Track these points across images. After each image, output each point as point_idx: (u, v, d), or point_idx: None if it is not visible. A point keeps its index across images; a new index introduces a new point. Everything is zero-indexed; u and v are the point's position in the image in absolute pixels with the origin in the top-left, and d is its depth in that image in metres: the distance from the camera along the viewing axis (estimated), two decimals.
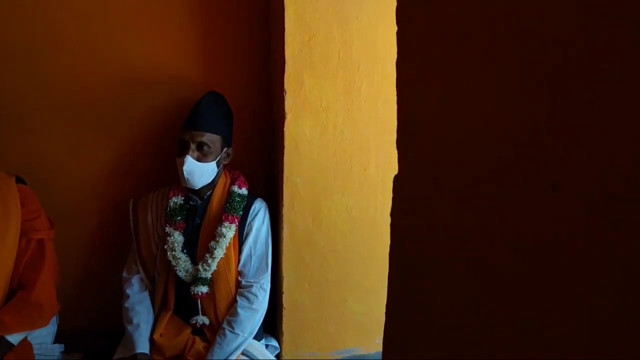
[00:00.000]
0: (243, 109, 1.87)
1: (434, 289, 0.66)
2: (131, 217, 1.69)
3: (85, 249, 1.88)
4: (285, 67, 1.60)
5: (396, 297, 0.77)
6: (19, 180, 1.56)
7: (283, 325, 1.77)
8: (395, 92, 1.73)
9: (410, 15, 0.68)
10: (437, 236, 0.65)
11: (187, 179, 1.55)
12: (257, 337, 1.69)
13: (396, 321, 0.78)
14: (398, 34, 0.71)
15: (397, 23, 0.71)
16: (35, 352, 1.53)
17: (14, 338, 1.44)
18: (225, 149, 1.65)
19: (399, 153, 0.73)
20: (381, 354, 1.93)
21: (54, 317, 1.61)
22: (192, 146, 1.55)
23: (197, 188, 1.61)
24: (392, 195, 0.75)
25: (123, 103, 1.81)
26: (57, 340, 1.67)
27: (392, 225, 0.76)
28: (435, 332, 0.65)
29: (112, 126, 1.83)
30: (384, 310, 1.95)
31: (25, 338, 1.50)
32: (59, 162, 1.80)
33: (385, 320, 0.80)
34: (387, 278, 1.87)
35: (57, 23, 1.73)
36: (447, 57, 0.59)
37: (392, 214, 0.75)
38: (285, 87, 1.62)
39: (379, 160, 1.75)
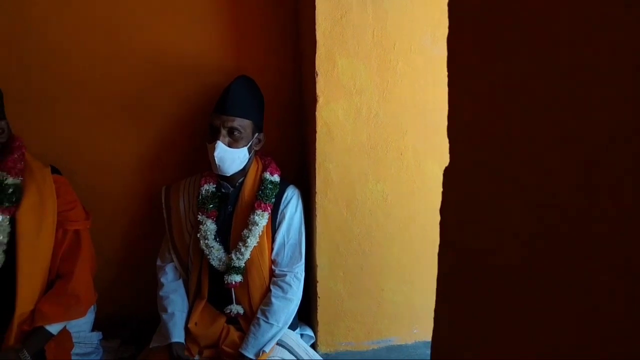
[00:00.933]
0: (274, 93, 1.82)
1: (489, 294, 0.60)
2: (163, 205, 1.67)
3: (120, 237, 1.88)
4: (317, 47, 1.53)
5: (448, 298, 0.70)
6: (54, 170, 1.56)
7: (318, 314, 1.74)
8: (434, 71, 1.63)
9: None
10: (497, 235, 0.58)
11: (219, 165, 1.51)
12: (292, 327, 1.66)
13: (445, 326, 0.71)
14: (449, 4, 0.63)
15: (449, 16, 0.63)
16: (74, 340, 1.55)
17: (54, 328, 1.46)
18: (257, 134, 1.60)
19: (450, 142, 0.65)
20: (418, 343, 1.88)
21: (92, 306, 1.62)
22: (223, 131, 1.51)
23: (228, 174, 1.57)
24: (441, 190, 0.68)
25: (152, 90, 1.78)
26: (95, 328, 1.69)
27: (441, 223, 0.68)
28: (493, 336, 0.59)
29: (143, 113, 1.80)
30: (421, 299, 1.90)
31: (65, 327, 1.51)
32: (91, 150, 1.79)
33: (434, 325, 0.73)
34: (424, 267, 1.81)
35: (85, 10, 1.70)
36: (513, 31, 0.51)
37: (442, 211, 0.68)
38: (317, 68, 1.54)
39: (416, 144, 1.66)
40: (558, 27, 0.45)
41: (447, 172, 0.66)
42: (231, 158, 1.52)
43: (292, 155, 1.88)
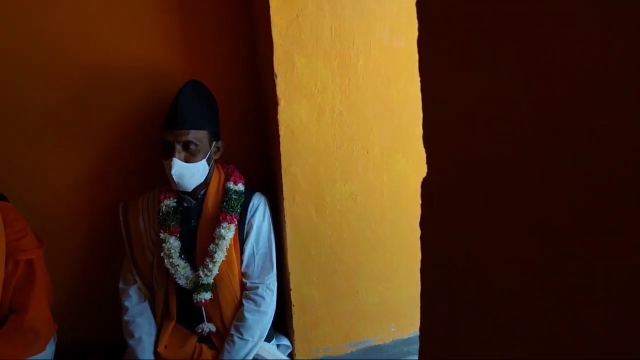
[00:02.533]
0: (231, 97, 1.74)
1: (472, 309, 0.56)
2: (122, 224, 1.57)
3: (77, 262, 1.76)
4: (274, 48, 1.46)
5: (431, 313, 0.67)
6: (0, 197, 1.43)
7: (293, 323, 1.69)
8: (395, 65, 1.60)
9: None
10: (477, 248, 0.55)
11: (178, 182, 1.43)
12: (268, 339, 1.60)
13: (432, 344, 0.68)
14: (418, 4, 0.58)
15: None
16: None
17: None
18: (214, 143, 1.51)
19: (427, 153, 0.61)
20: (396, 342, 1.87)
21: (52, 338, 1.51)
22: (178, 147, 1.41)
23: (190, 190, 1.48)
24: (420, 202, 0.63)
25: (101, 101, 1.66)
26: (56, 358, 1.57)
27: (422, 237, 0.64)
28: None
29: (92, 126, 1.68)
30: (396, 297, 1.88)
31: None
32: (36, 171, 1.65)
33: (420, 342, 0.69)
34: (398, 265, 1.79)
35: (17, 16, 1.55)
36: (488, 32, 0.47)
37: (422, 224, 0.64)
38: (276, 70, 1.48)
39: (382, 141, 1.63)
40: (532, 30, 0.41)
41: (425, 184, 0.62)
42: (190, 173, 1.44)
43: (255, 160, 1.81)
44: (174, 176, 1.40)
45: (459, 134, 0.55)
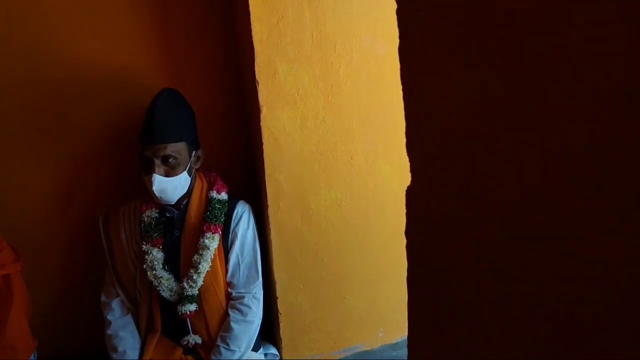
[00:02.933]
0: (212, 104, 1.72)
1: (460, 315, 0.56)
2: (103, 236, 1.53)
3: (57, 275, 1.71)
4: (255, 55, 1.45)
5: (419, 324, 0.66)
6: None
7: (281, 331, 1.67)
8: (377, 70, 1.60)
9: None
10: (463, 257, 0.54)
11: (160, 197, 1.40)
12: (255, 348, 1.58)
13: (419, 352, 0.67)
14: (398, 11, 0.58)
15: None
16: None
17: None
18: (194, 152, 1.49)
19: (410, 162, 0.60)
20: (385, 347, 1.86)
21: (32, 354, 1.46)
22: (157, 161, 1.38)
23: (173, 203, 1.46)
24: (405, 211, 0.63)
25: (77, 109, 1.62)
26: None
27: (408, 246, 0.64)
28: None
29: (68, 136, 1.64)
30: (383, 303, 1.88)
31: None
32: (9, 183, 1.60)
33: (408, 351, 0.69)
34: (384, 269, 1.79)
35: None
36: (467, 39, 0.47)
37: (407, 233, 0.63)
38: (257, 77, 1.47)
39: (365, 146, 1.63)
40: (512, 36, 0.41)
41: (410, 193, 0.62)
42: (172, 187, 1.41)
43: (238, 167, 1.79)
44: (155, 192, 1.38)
45: (441, 143, 0.54)
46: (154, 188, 1.37)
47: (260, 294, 1.54)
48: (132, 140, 1.56)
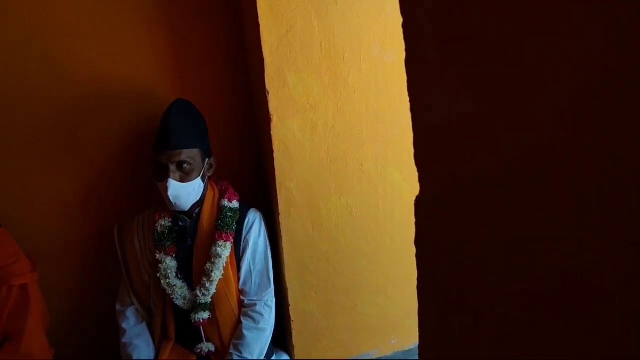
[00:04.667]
0: (223, 113, 1.74)
1: (471, 322, 0.56)
2: (117, 246, 1.56)
3: (73, 284, 1.73)
4: (265, 65, 1.47)
5: (430, 332, 0.67)
6: None
7: (293, 338, 1.68)
8: (386, 78, 1.61)
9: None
10: (472, 266, 0.55)
11: (175, 203, 1.42)
12: (268, 355, 1.59)
13: (431, 357, 0.68)
14: (404, 25, 0.59)
15: (402, 12, 0.59)
16: None
17: None
18: (207, 160, 1.51)
19: (419, 170, 0.61)
20: (397, 354, 1.85)
21: None
22: (172, 167, 1.41)
23: (187, 209, 1.48)
24: (414, 221, 0.64)
25: (91, 120, 1.65)
26: None
27: (417, 255, 0.64)
28: None
29: (83, 147, 1.67)
30: (395, 309, 1.88)
31: None
32: (27, 194, 1.63)
33: (420, 356, 0.69)
34: (396, 276, 1.78)
35: (13, 38, 1.55)
36: (472, 52, 0.48)
37: (416, 242, 0.64)
38: (267, 87, 1.49)
39: (375, 153, 1.64)
40: (516, 47, 0.42)
41: (419, 202, 0.62)
42: (187, 193, 1.43)
43: (248, 175, 1.81)
44: (170, 197, 1.40)
45: (449, 153, 0.55)
46: (169, 193, 1.40)
47: (272, 302, 1.55)
48: (146, 151, 1.59)
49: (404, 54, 0.61)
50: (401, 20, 0.61)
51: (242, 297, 1.54)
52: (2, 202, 1.59)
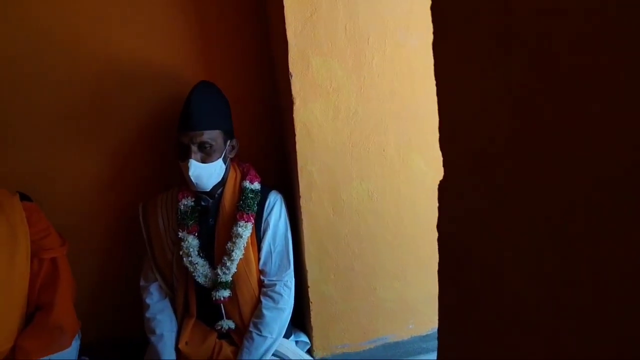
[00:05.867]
0: (246, 96, 1.75)
1: (490, 310, 0.57)
2: (142, 224, 1.60)
3: (99, 259, 1.80)
4: (289, 48, 1.47)
5: (449, 318, 0.67)
6: (23, 197, 1.46)
7: (312, 319, 1.70)
8: (411, 63, 1.59)
9: None
10: (497, 253, 0.55)
11: (196, 183, 1.45)
12: (286, 335, 1.62)
13: (450, 343, 0.68)
14: (432, 6, 0.58)
15: None
16: None
17: None
18: (229, 141, 1.53)
19: (443, 155, 0.61)
20: (414, 339, 1.87)
21: (76, 334, 1.55)
22: (194, 148, 1.44)
23: (208, 189, 1.51)
24: (437, 205, 0.64)
25: (117, 102, 1.69)
26: (80, 354, 1.61)
27: (439, 240, 0.65)
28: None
29: (109, 128, 1.71)
30: (413, 294, 1.88)
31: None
32: (57, 171, 1.69)
33: (439, 341, 0.70)
34: (415, 262, 1.79)
35: (37, 24, 1.59)
36: (501, 34, 0.47)
37: (438, 227, 0.64)
38: (291, 69, 1.49)
39: (397, 139, 1.63)
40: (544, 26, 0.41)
41: (442, 187, 0.62)
42: (208, 173, 1.46)
43: (271, 158, 1.82)
44: (192, 177, 1.43)
45: (475, 137, 0.55)
46: (190, 173, 1.42)
47: (291, 283, 1.58)
48: (171, 131, 1.61)
49: (428, 38, 0.60)
50: (427, 3, 0.60)
51: (262, 277, 1.57)
52: (33, 179, 1.65)
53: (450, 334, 0.69)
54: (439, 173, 0.64)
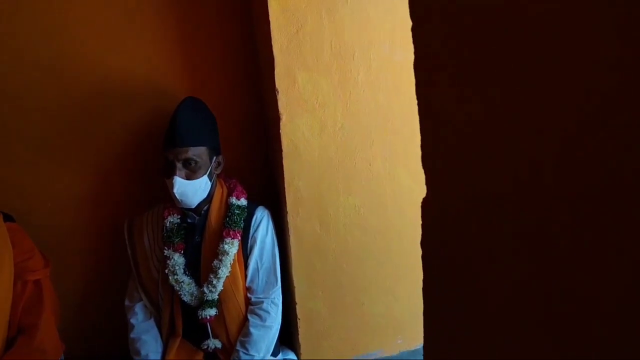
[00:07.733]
0: (232, 112, 1.75)
1: (475, 324, 0.56)
2: (127, 241, 1.58)
3: (83, 279, 1.76)
4: (275, 64, 1.47)
5: (435, 334, 0.67)
6: (7, 217, 1.43)
7: (300, 336, 1.68)
8: (395, 78, 1.60)
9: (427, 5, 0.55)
10: (478, 268, 0.55)
11: (181, 200, 1.44)
12: (274, 353, 1.59)
13: (435, 358, 0.68)
14: (413, 29, 0.59)
15: (412, 16, 0.59)
16: None
17: None
18: (215, 158, 1.52)
19: (426, 173, 0.61)
20: (403, 354, 1.85)
21: (60, 357, 1.51)
22: (179, 165, 1.43)
23: (193, 207, 1.49)
24: (421, 223, 0.64)
25: (102, 118, 1.67)
26: None
27: (423, 257, 0.64)
28: None
29: (94, 144, 1.69)
30: (401, 309, 1.87)
31: None
32: (41, 190, 1.66)
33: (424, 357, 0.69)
34: (403, 276, 1.78)
35: (25, 38, 1.57)
36: (481, 58, 0.48)
37: (422, 244, 0.64)
38: (277, 85, 1.49)
39: (384, 153, 1.63)
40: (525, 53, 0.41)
41: (426, 205, 0.62)
42: (192, 190, 1.45)
43: (258, 173, 1.81)
44: (176, 194, 1.42)
45: (456, 158, 0.55)
46: (175, 190, 1.41)
47: (279, 300, 1.56)
48: (157, 147, 1.60)
49: (413, 53, 0.60)
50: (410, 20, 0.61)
51: (249, 295, 1.55)
52: (15, 198, 1.62)
53: (435, 350, 0.68)
54: (424, 186, 0.64)
